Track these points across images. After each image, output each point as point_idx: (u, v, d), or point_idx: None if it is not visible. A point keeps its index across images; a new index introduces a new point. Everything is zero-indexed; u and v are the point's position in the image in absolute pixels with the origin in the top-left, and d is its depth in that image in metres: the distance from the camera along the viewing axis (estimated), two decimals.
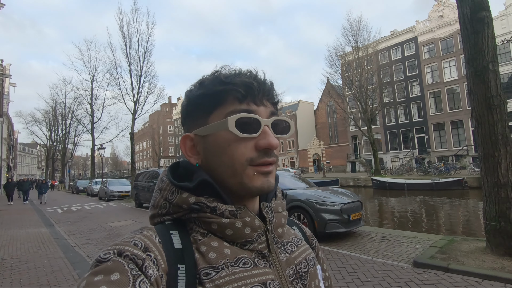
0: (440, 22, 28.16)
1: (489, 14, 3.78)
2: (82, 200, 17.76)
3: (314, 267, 0.52)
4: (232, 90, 0.45)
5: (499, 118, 3.70)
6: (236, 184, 0.45)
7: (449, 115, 27.73)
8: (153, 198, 0.48)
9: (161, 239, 0.41)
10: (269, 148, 0.44)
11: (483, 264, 3.47)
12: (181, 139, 0.49)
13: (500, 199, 3.66)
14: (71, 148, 37.18)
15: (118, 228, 7.52)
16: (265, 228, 0.46)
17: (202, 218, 0.44)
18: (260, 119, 0.45)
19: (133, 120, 15.71)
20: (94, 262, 0.36)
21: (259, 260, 0.44)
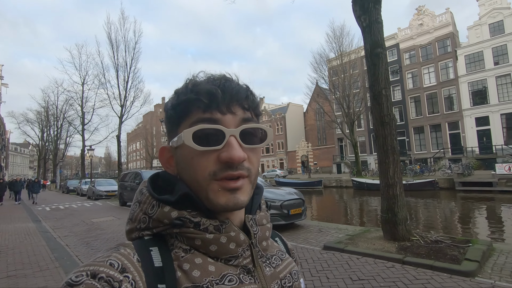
0: (420, 30, 29.44)
1: (383, 51, 4.77)
2: (71, 199, 18.53)
3: (298, 280, 0.51)
4: (194, 99, 0.43)
5: (389, 132, 4.69)
6: (203, 199, 0.43)
7: (428, 119, 28.99)
8: (130, 211, 0.47)
9: (139, 257, 0.39)
10: (229, 161, 0.41)
11: (371, 246, 4.47)
12: (159, 151, 0.48)
13: (389, 196, 4.67)
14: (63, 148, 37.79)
15: (99, 223, 8.40)
16: (249, 242, 0.45)
17: (185, 234, 0.42)
18: (224, 130, 0.41)
19: (120, 124, 16.57)
20: (63, 285, 0.33)
21: (244, 276, 0.43)
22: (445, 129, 27.81)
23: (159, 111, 75.91)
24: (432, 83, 28.79)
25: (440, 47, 28.31)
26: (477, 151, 25.43)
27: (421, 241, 4.39)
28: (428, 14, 29.11)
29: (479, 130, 25.80)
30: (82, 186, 20.77)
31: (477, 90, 26.03)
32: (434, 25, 28.54)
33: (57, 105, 32.26)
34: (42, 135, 37.57)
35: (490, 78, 25.16)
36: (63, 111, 31.08)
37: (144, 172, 12.50)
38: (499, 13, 24.94)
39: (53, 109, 33.40)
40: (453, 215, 11.45)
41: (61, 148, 38.04)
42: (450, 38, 27.57)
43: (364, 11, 4.83)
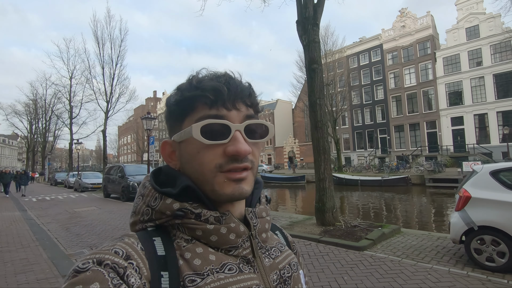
0: (402, 31, 30.45)
1: (318, 66, 5.63)
2: (58, 191, 19.13)
3: (297, 271, 0.52)
4: (200, 95, 0.44)
5: (321, 136, 5.59)
6: (209, 191, 0.44)
7: (408, 118, 30.20)
8: (134, 204, 0.48)
9: (143, 246, 0.40)
10: (236, 154, 0.43)
11: (302, 230, 5.39)
12: (161, 145, 0.49)
13: (320, 189, 5.59)
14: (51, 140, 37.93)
15: (80, 212, 9.17)
16: (249, 233, 0.47)
17: (186, 225, 0.43)
18: (230, 125, 0.44)
19: (106, 119, 17.17)
20: (71, 272, 0.35)
21: (244, 265, 0.44)
22: (423, 128, 29.08)
23: (150, 104, 75.94)
24: (412, 83, 29.92)
25: (421, 49, 29.40)
26: (451, 149, 26.75)
27: (343, 226, 5.33)
28: (410, 16, 30.11)
29: (454, 130, 27.12)
30: (70, 178, 21.34)
31: (453, 91, 27.28)
32: (415, 27, 29.57)
33: (45, 98, 32.42)
34: (31, 127, 37.60)
35: (465, 80, 26.39)
36: (51, 104, 31.29)
37: (127, 166, 13.25)
38: (475, 18, 26.07)
39: (41, 101, 33.53)
40: (405, 207, 12.59)
41: (50, 141, 38.21)
42: (430, 40, 28.67)
43: (304, 31, 5.68)
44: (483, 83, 25.53)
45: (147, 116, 10.94)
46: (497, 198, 3.24)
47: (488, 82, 25.21)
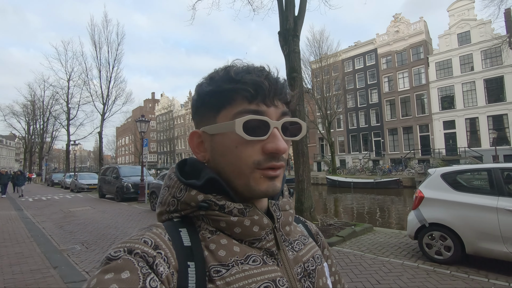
0: (396, 36, 30.98)
1: (298, 75, 6.01)
2: (54, 191, 19.41)
3: (321, 264, 0.52)
4: (241, 89, 0.43)
5: (300, 140, 5.96)
6: (242, 185, 0.45)
7: (401, 122, 30.66)
8: (160, 195, 0.49)
9: (170, 237, 0.41)
10: (276, 152, 0.43)
11: None
12: (190, 136, 0.49)
13: (299, 189, 5.95)
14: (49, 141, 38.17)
15: (74, 212, 9.49)
16: (273, 226, 0.46)
17: (211, 216, 0.44)
18: (270, 121, 0.43)
19: (102, 121, 17.55)
20: (104, 259, 0.36)
21: (268, 258, 0.44)
22: (416, 131, 29.54)
23: (148, 106, 76.21)
24: (406, 87, 30.40)
25: (414, 54, 29.91)
26: (444, 153, 27.21)
27: (319, 224, 5.69)
28: (404, 22, 30.66)
29: (446, 133, 27.59)
30: (66, 179, 21.61)
31: (445, 95, 27.79)
32: (409, 33, 30.11)
33: (43, 99, 32.71)
34: (28, 128, 37.85)
35: (457, 84, 26.90)
36: (49, 105, 31.57)
37: (122, 167, 13.58)
38: (467, 24, 26.63)
39: (39, 103, 33.80)
40: (391, 208, 12.97)
41: (47, 142, 38.43)
42: (423, 45, 29.19)
43: (285, 42, 6.07)
44: (474, 87, 26.05)
45: (141, 119, 11.28)
46: (445, 198, 3.61)
47: (479, 87, 25.73)
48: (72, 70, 24.43)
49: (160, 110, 68.47)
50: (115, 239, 5.68)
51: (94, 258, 4.47)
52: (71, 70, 23.99)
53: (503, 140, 24.84)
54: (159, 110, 69.16)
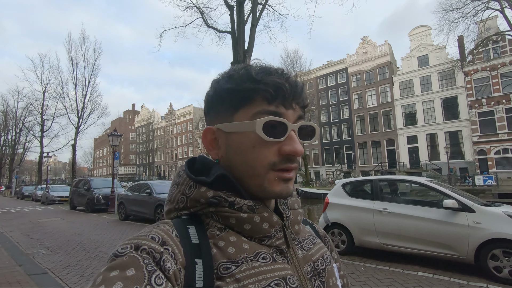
0: (364, 57, 33.36)
1: None
2: (24, 204, 19.20)
3: (331, 264, 0.52)
4: (262, 89, 0.43)
5: None
6: (255, 186, 0.44)
7: (370, 136, 32.62)
8: (169, 193, 0.49)
9: (178, 234, 0.41)
10: (293, 154, 0.43)
11: None
12: (203, 132, 0.49)
13: None
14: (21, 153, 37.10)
15: (43, 223, 9.86)
16: (282, 224, 0.46)
17: (220, 213, 0.44)
18: (288, 124, 0.43)
19: (76, 134, 17.85)
20: (111, 255, 0.36)
21: (277, 255, 0.44)
22: (383, 145, 31.52)
23: (128, 117, 75.43)
24: (373, 104, 32.56)
25: (380, 73, 32.28)
26: (408, 165, 29.16)
27: None
28: (371, 44, 33.16)
29: (410, 147, 29.68)
30: (37, 192, 21.37)
31: (408, 112, 30.06)
32: (375, 54, 32.56)
33: (16, 110, 32.12)
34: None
35: (418, 103, 29.25)
36: (22, 116, 31.05)
37: (94, 179, 13.99)
38: (425, 48, 29.30)
39: (12, 113, 33.12)
40: None
41: (19, 153, 37.36)
42: (388, 66, 31.64)
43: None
44: (433, 106, 28.45)
45: (113, 133, 11.90)
46: (342, 203, 4.63)
47: (437, 105, 28.14)
48: (48, 82, 24.51)
49: (140, 121, 67.98)
50: (78, 243, 6.29)
51: (57, 259, 5.11)
52: (47, 82, 24.10)
53: (458, 154, 27.11)
54: (139, 121, 68.64)
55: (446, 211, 3.66)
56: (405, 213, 3.99)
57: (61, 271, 4.35)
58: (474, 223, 3.45)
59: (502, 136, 24.58)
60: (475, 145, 25.75)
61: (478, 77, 26.20)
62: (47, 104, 23.90)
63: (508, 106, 24.54)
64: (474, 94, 26.15)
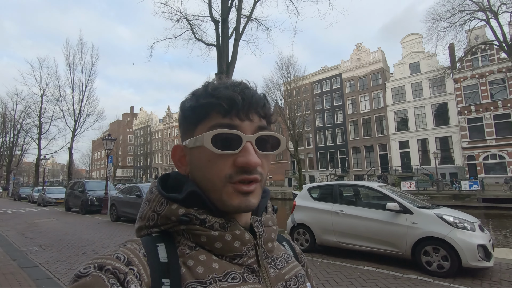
0: (358, 63, 34.04)
1: None
2: (20, 205, 19.59)
3: (304, 284, 0.50)
4: (215, 104, 0.44)
5: None
6: (216, 200, 0.44)
7: (364, 141, 33.19)
8: (140, 210, 0.48)
9: (146, 252, 0.40)
10: (246, 166, 0.43)
11: None
12: (173, 149, 0.49)
13: None
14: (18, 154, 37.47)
15: (38, 223, 10.30)
16: (255, 242, 0.46)
17: (191, 231, 0.43)
18: (242, 135, 0.43)
19: (73, 137, 18.36)
20: (73, 277, 0.35)
21: (248, 275, 0.43)
22: (376, 150, 32.08)
23: (126, 120, 75.92)
24: (367, 109, 33.17)
25: (373, 80, 32.94)
26: (400, 170, 29.69)
27: None
28: (364, 50, 33.86)
29: (402, 152, 30.24)
30: (34, 193, 21.75)
31: (400, 118, 30.67)
32: (369, 61, 33.24)
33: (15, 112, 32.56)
34: None
35: (410, 108, 29.87)
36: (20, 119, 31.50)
37: (89, 182, 14.44)
38: (417, 55, 29.99)
39: (10, 116, 33.56)
40: None
41: (16, 155, 37.73)
42: (381, 72, 32.30)
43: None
44: (424, 112, 29.06)
45: (107, 137, 12.39)
46: (307, 205, 5.13)
47: (428, 111, 28.75)
48: (47, 85, 25.02)
49: (138, 124, 68.44)
50: (69, 242, 6.75)
51: (49, 255, 5.57)
52: (45, 86, 24.60)
53: (448, 159, 27.68)
54: (137, 124, 69.09)
55: (390, 212, 4.16)
56: (357, 215, 4.49)
57: (51, 265, 4.83)
58: (412, 223, 3.95)
59: (490, 142, 25.17)
60: (465, 150, 26.33)
61: (468, 84, 26.85)
62: (45, 107, 24.41)
63: (496, 113, 25.17)
64: (463, 101, 26.78)
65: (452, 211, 4.21)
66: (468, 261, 3.52)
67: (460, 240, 3.59)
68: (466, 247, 3.54)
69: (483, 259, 3.52)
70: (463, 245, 3.55)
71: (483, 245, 3.58)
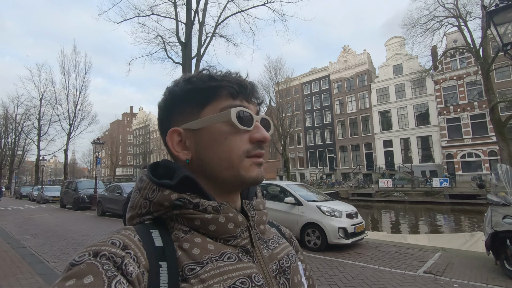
0: (345, 65, 35.20)
1: None
2: (21, 203, 21.11)
3: (296, 263, 0.53)
4: (226, 86, 0.47)
5: None
6: (231, 176, 0.45)
7: (350, 140, 34.44)
8: (131, 199, 0.48)
9: (140, 238, 0.40)
10: (263, 140, 0.47)
11: None
12: (168, 134, 0.48)
13: None
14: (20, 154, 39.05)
15: (34, 218, 11.72)
16: (247, 224, 0.47)
17: (185, 215, 0.44)
18: (253, 115, 0.47)
19: (68, 140, 19.78)
20: (67, 265, 0.35)
21: (243, 255, 0.45)
22: (362, 149, 33.33)
23: (126, 119, 77.42)
24: (353, 110, 34.38)
25: (359, 81, 34.11)
26: (384, 168, 30.92)
27: None
28: (351, 53, 35.01)
29: (386, 151, 31.48)
30: (34, 192, 23.26)
31: (384, 118, 31.88)
32: (355, 63, 34.40)
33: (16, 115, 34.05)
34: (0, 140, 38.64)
35: (393, 109, 31.06)
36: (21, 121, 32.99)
37: (82, 181, 15.88)
38: (400, 58, 31.13)
39: (12, 118, 35.06)
40: None
41: (18, 155, 39.30)
42: (366, 74, 33.46)
43: None
44: (406, 112, 30.26)
45: (96, 141, 13.79)
46: None
47: (410, 112, 29.94)
48: (45, 90, 26.44)
49: (137, 124, 69.97)
50: (56, 232, 8.14)
51: (37, 241, 6.92)
52: (43, 90, 26.02)
53: (429, 158, 28.90)
54: (136, 124, 70.62)
55: (289, 205, 5.47)
56: (271, 207, 5.80)
57: (37, 247, 6.21)
58: (301, 213, 5.27)
59: (467, 141, 26.36)
60: (444, 149, 27.53)
61: (447, 85, 28.00)
62: (44, 111, 25.82)
63: (472, 113, 26.34)
64: (443, 102, 27.94)
65: (335, 203, 5.53)
66: (331, 239, 4.84)
67: (327, 224, 4.90)
68: (331, 229, 4.85)
69: (342, 238, 4.84)
70: (329, 228, 4.86)
71: (344, 228, 4.88)
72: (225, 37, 11.08)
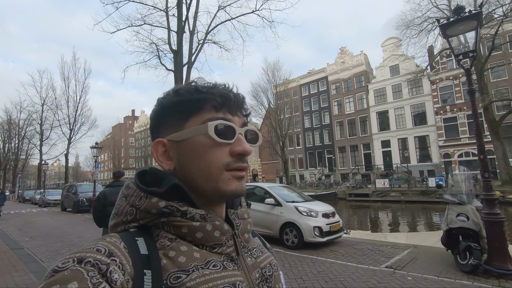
0: (342, 66, 35.47)
1: None
2: (23, 207, 21.60)
3: (277, 271, 0.54)
4: (210, 98, 0.47)
5: None
6: (211, 188, 0.46)
7: (349, 141, 34.65)
8: (116, 206, 0.48)
9: (126, 245, 0.40)
10: (243, 153, 0.47)
11: None
12: (153, 145, 0.49)
13: None
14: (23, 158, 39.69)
15: (34, 221, 12.12)
16: (233, 232, 0.48)
17: (172, 222, 0.44)
18: (235, 127, 0.48)
19: (68, 144, 20.25)
20: (49, 272, 0.34)
21: (228, 263, 0.45)
22: (360, 149, 33.53)
23: (128, 123, 78.14)
24: (351, 110, 34.61)
25: (357, 82, 34.35)
26: (382, 168, 31.09)
27: None
28: (348, 54, 35.27)
29: (384, 151, 31.65)
30: (36, 196, 23.76)
31: (382, 118, 32.07)
32: (352, 64, 34.65)
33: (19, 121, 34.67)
34: (4, 146, 39.33)
35: (391, 109, 31.26)
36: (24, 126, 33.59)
37: (81, 185, 16.30)
38: (396, 58, 31.35)
39: (15, 123, 35.69)
40: None
41: (22, 159, 39.94)
42: (364, 75, 33.70)
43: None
44: (404, 112, 30.44)
45: (95, 146, 14.17)
46: None
47: (407, 112, 30.13)
48: (47, 95, 26.97)
49: (138, 127, 70.61)
50: (54, 234, 8.52)
51: (36, 243, 7.28)
52: (45, 96, 26.56)
53: (426, 157, 29.04)
54: (137, 127, 71.27)
55: (270, 205, 5.78)
56: (256, 208, 6.10)
57: (35, 248, 6.56)
58: (280, 213, 5.57)
59: (464, 141, 26.50)
60: (441, 148, 27.67)
61: (443, 85, 28.16)
62: (45, 116, 26.35)
63: (468, 113, 26.42)
64: (439, 101, 28.10)
65: (314, 204, 5.83)
66: (307, 237, 5.13)
67: (304, 223, 5.19)
68: (307, 228, 5.14)
69: (318, 236, 5.14)
70: (305, 227, 5.16)
71: (319, 227, 5.18)
72: (217, 43, 11.43)
